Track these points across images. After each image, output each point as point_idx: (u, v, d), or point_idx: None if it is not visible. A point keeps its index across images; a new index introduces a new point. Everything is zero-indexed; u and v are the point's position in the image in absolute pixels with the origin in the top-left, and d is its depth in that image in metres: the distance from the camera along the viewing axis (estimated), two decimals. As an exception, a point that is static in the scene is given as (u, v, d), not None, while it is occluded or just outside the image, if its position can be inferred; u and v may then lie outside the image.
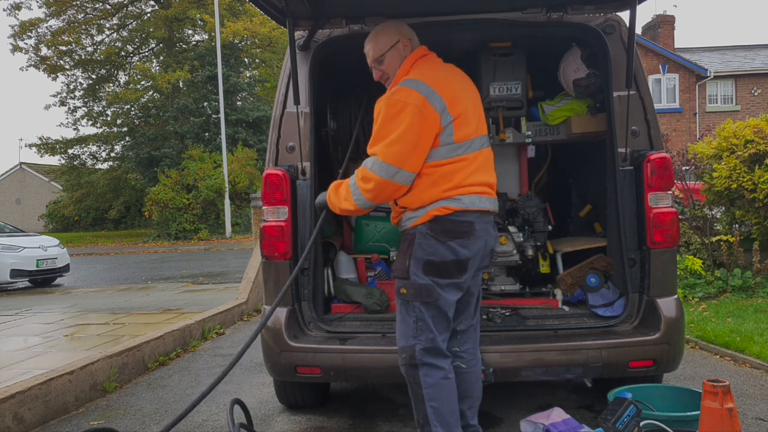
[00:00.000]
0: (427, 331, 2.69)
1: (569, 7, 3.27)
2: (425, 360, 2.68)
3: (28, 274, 11.39)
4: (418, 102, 2.66)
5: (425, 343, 2.69)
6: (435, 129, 2.68)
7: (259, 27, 26.34)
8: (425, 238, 2.69)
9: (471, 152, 2.75)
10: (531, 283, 3.87)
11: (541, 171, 4.54)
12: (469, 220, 2.70)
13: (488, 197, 2.80)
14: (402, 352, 2.75)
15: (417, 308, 2.70)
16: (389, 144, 2.66)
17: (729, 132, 7.31)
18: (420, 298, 2.69)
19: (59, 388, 4.09)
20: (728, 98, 26.68)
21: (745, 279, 6.92)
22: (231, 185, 23.55)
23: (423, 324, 2.70)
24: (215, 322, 6.60)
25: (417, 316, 2.71)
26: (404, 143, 2.64)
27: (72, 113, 30.63)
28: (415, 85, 2.71)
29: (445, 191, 2.69)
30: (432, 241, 2.68)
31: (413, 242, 2.71)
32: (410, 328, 2.72)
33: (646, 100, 3.31)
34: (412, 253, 2.71)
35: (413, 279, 2.70)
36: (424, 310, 2.69)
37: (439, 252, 2.67)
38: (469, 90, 2.90)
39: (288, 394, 3.78)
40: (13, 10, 29.70)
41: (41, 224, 36.58)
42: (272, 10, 3.12)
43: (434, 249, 2.68)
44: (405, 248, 2.76)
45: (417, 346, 2.69)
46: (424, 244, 2.69)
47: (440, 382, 2.68)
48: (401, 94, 2.70)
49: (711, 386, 2.31)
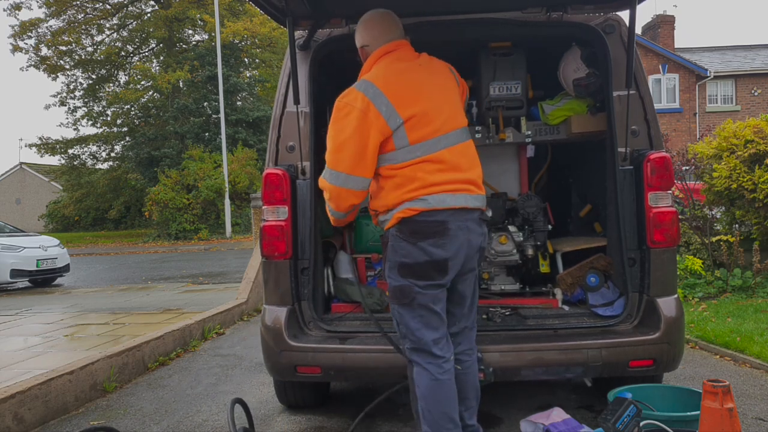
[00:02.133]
0: (409, 333, 2.71)
1: (569, 7, 3.27)
2: (413, 358, 2.72)
3: (28, 274, 11.39)
4: (363, 106, 2.64)
5: (410, 344, 2.73)
6: (381, 133, 2.65)
7: (259, 27, 26.35)
8: (396, 240, 2.69)
9: (435, 152, 2.67)
10: (531, 282, 3.86)
11: (541, 171, 4.54)
12: (439, 219, 2.62)
13: (465, 194, 2.69)
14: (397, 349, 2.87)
15: (397, 311, 2.73)
16: (335, 150, 2.69)
17: (729, 132, 7.31)
18: (397, 300, 2.71)
19: (59, 388, 4.09)
20: (728, 98, 26.68)
21: (745, 279, 6.92)
22: (231, 185, 23.55)
23: (404, 328, 2.73)
24: (215, 322, 6.60)
25: (398, 319, 2.75)
26: (350, 149, 2.65)
27: (72, 113, 30.67)
28: (365, 87, 2.69)
29: (408, 192, 2.65)
30: (403, 243, 2.66)
31: (387, 245, 2.75)
32: (397, 328, 2.79)
33: (646, 99, 3.31)
34: (387, 255, 2.75)
35: (389, 281, 2.74)
36: (403, 312, 2.70)
37: (412, 254, 2.64)
38: (435, 85, 2.79)
39: (288, 394, 3.78)
40: (13, 10, 29.73)
41: (41, 224, 36.58)
42: (272, 10, 3.12)
43: (406, 251, 2.65)
44: (384, 251, 2.82)
45: (405, 345, 2.76)
46: (396, 247, 2.69)
47: (429, 384, 2.66)
48: (349, 97, 2.71)
49: (711, 386, 2.31)
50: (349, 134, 2.65)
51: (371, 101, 2.65)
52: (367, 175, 2.68)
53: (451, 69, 2.96)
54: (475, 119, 3.93)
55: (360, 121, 2.64)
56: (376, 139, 2.64)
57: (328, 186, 2.74)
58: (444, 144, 2.71)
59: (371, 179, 2.72)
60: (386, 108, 2.64)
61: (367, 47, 2.89)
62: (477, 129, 3.87)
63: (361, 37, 2.92)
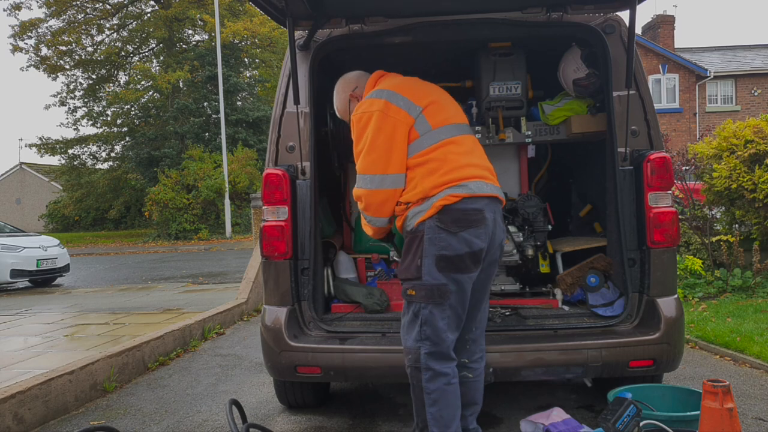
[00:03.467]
0: (433, 335, 2.61)
1: (569, 7, 3.27)
2: (430, 365, 2.60)
3: (28, 274, 11.39)
4: (381, 106, 2.72)
5: (430, 348, 2.61)
6: (406, 124, 2.71)
7: (259, 27, 26.34)
8: (436, 232, 2.59)
9: (457, 135, 2.76)
10: (531, 282, 3.86)
11: (541, 171, 4.54)
12: (478, 207, 2.62)
13: (492, 184, 2.74)
14: (407, 352, 2.68)
15: (426, 311, 2.61)
16: (366, 155, 2.71)
17: (729, 132, 7.31)
18: (431, 300, 2.60)
19: (59, 388, 4.09)
20: (728, 98, 26.68)
21: (745, 279, 6.92)
22: (231, 185, 23.55)
23: (429, 329, 2.61)
24: (215, 322, 6.60)
25: (424, 319, 2.61)
26: (380, 149, 2.67)
27: (72, 113, 30.66)
28: (377, 93, 2.80)
29: (444, 175, 2.63)
30: (443, 234, 2.58)
31: (422, 239, 2.61)
32: (416, 331, 2.63)
33: (646, 99, 3.31)
34: (423, 251, 2.60)
35: (426, 279, 2.60)
36: (435, 313, 2.60)
37: (452, 245, 2.58)
38: (436, 89, 2.94)
39: (288, 394, 3.78)
40: (13, 10, 29.68)
41: (41, 224, 36.58)
42: (272, 10, 3.13)
43: (446, 242, 2.58)
44: (414, 247, 2.65)
45: (422, 350, 2.61)
46: (435, 239, 2.59)
47: (443, 388, 2.61)
48: (364, 106, 2.79)
49: (711, 386, 2.31)
50: (374, 135, 2.69)
51: (387, 100, 2.74)
52: (402, 170, 2.69)
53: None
54: (475, 119, 3.93)
55: (382, 121, 2.69)
56: (402, 131, 2.69)
57: (366, 192, 2.72)
58: (460, 131, 2.80)
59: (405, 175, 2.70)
60: (403, 102, 2.73)
61: (357, 89, 3.03)
62: (477, 129, 3.87)
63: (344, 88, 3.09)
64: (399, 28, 3.37)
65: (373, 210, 2.75)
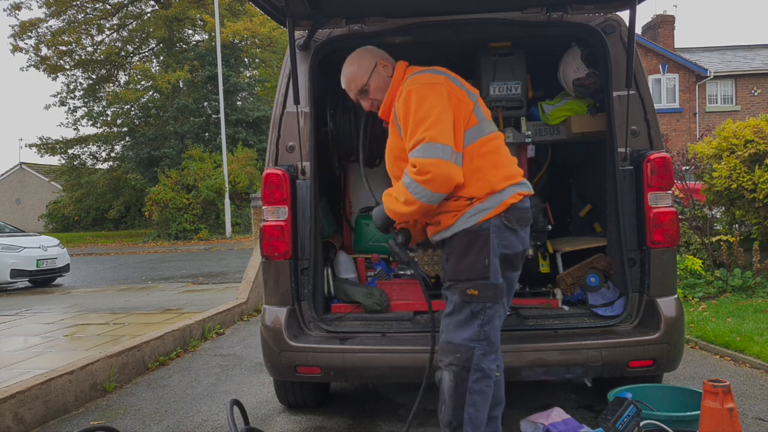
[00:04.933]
0: (492, 336, 2.56)
1: (569, 7, 3.27)
2: (482, 365, 2.53)
3: (28, 274, 11.39)
4: (442, 80, 2.58)
5: (486, 348, 2.54)
6: (467, 104, 2.59)
7: (259, 27, 26.35)
8: (502, 230, 2.53)
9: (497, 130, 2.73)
10: (531, 282, 3.86)
11: (541, 171, 4.53)
12: (528, 206, 2.66)
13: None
14: (455, 351, 2.55)
15: (490, 311, 2.54)
16: (434, 123, 2.47)
17: (729, 132, 7.32)
18: (495, 299, 2.54)
19: (59, 388, 4.09)
20: (728, 98, 26.69)
21: (745, 279, 6.92)
22: (231, 185, 23.55)
23: (490, 328, 2.55)
24: (215, 322, 6.60)
25: (487, 319, 2.54)
26: (447, 122, 2.49)
27: (72, 113, 30.67)
28: (433, 71, 2.65)
29: (507, 168, 2.61)
30: (507, 233, 2.54)
31: (488, 238, 2.52)
32: (473, 331, 2.54)
33: (646, 99, 3.31)
34: (489, 250, 2.51)
35: (493, 279, 2.53)
36: (495, 311, 2.55)
37: (513, 243, 2.56)
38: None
39: (288, 394, 3.78)
40: (13, 10, 29.70)
41: (41, 224, 36.57)
42: (272, 10, 3.12)
43: (509, 241, 2.54)
44: (477, 246, 2.53)
45: (477, 350, 2.53)
46: (500, 238, 2.53)
47: (486, 390, 2.56)
48: (424, 78, 2.60)
49: (711, 386, 2.31)
50: (442, 107, 2.50)
51: (446, 77, 2.62)
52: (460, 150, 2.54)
53: None
54: (475, 119, 3.92)
55: (444, 95, 2.54)
56: (465, 112, 2.57)
57: (437, 162, 2.43)
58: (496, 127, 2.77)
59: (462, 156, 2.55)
60: (461, 84, 2.65)
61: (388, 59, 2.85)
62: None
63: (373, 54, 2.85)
64: (399, 28, 3.36)
65: (439, 184, 2.45)
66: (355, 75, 2.82)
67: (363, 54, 2.86)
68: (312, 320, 3.30)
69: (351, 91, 2.87)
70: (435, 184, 2.46)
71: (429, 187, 2.47)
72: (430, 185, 2.46)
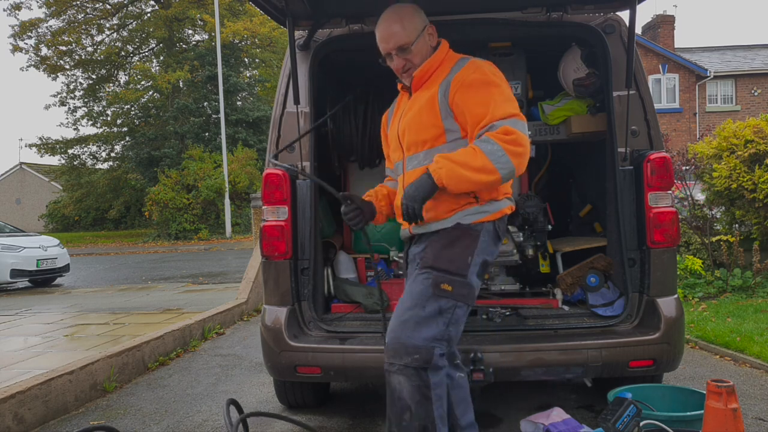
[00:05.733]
0: (455, 337, 2.50)
1: (569, 7, 3.27)
2: (440, 364, 2.45)
3: (28, 274, 11.40)
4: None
5: (446, 348, 2.47)
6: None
7: (259, 27, 26.37)
8: (489, 236, 2.52)
9: None
10: (531, 282, 3.86)
11: (541, 171, 4.54)
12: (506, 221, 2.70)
13: None
14: (413, 351, 2.39)
15: (460, 311, 2.47)
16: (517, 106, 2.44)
17: (729, 132, 7.32)
18: (468, 300, 2.49)
19: (59, 388, 4.09)
20: (728, 98, 26.70)
21: (745, 279, 6.92)
22: (231, 185, 23.56)
23: (455, 330, 2.48)
24: (215, 322, 6.61)
25: (454, 319, 2.45)
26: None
27: (72, 113, 30.71)
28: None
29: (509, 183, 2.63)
30: (491, 241, 2.54)
31: (477, 239, 2.49)
32: (437, 330, 2.41)
33: (646, 99, 3.31)
34: (476, 250, 2.48)
35: (470, 278, 2.47)
36: (464, 314, 2.49)
37: (493, 252, 2.57)
38: None
39: (288, 394, 3.78)
40: (13, 10, 29.75)
41: (41, 224, 36.58)
42: (272, 9, 3.12)
43: (490, 249, 2.54)
44: (465, 243, 2.48)
45: (437, 351, 2.41)
46: (487, 243, 2.52)
47: (443, 380, 2.52)
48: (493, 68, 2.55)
49: (715, 386, 2.30)
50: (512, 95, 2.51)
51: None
52: None
53: None
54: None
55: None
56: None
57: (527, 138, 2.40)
58: None
59: None
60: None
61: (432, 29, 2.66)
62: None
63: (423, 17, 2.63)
64: None
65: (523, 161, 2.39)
66: (401, 34, 2.55)
67: (410, 12, 2.60)
68: (312, 320, 3.30)
69: (388, 46, 2.59)
70: (522, 160, 2.35)
71: (516, 161, 2.32)
72: (518, 160, 2.33)
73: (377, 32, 2.62)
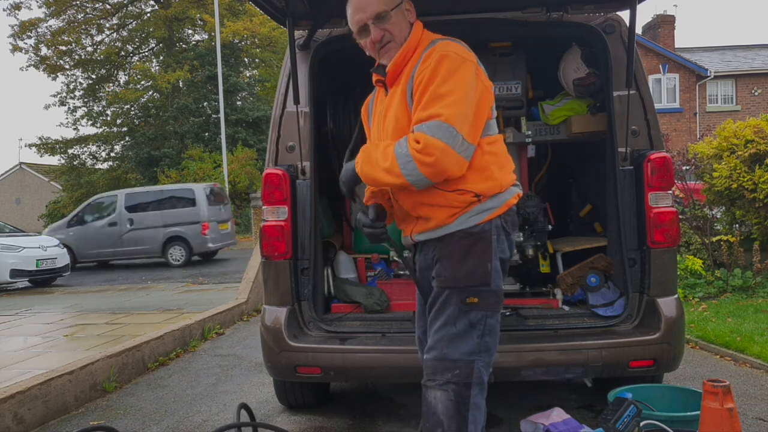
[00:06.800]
0: (494, 346, 2.32)
1: (569, 7, 3.27)
2: (483, 378, 2.28)
3: (28, 274, 11.40)
4: (474, 60, 2.23)
5: (487, 358, 2.30)
6: (491, 96, 2.30)
7: (259, 27, 26.36)
8: (500, 232, 2.29)
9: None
10: (531, 282, 3.86)
11: (541, 171, 4.54)
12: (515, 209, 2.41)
13: None
14: (452, 367, 2.25)
15: (492, 320, 2.30)
16: (453, 104, 2.11)
17: (729, 132, 7.32)
18: (497, 308, 2.32)
19: (59, 388, 4.09)
20: (728, 98, 26.69)
21: (745, 279, 6.92)
22: (231, 185, 23.54)
23: (491, 339, 2.30)
24: (215, 322, 6.60)
25: (488, 329, 2.29)
26: (467, 106, 2.15)
27: (72, 113, 30.69)
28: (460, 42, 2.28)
29: (509, 167, 2.35)
30: (503, 236, 2.31)
31: (490, 240, 2.26)
32: (473, 343, 2.26)
33: (646, 99, 3.31)
34: (492, 253, 2.26)
35: (494, 285, 2.29)
36: (496, 321, 2.32)
37: (506, 248, 2.34)
38: None
39: (288, 394, 3.77)
40: (13, 10, 29.81)
41: (41, 224, 36.53)
42: (272, 9, 3.12)
43: (504, 246, 2.32)
44: (479, 249, 2.26)
45: (478, 363, 2.26)
46: (499, 241, 2.29)
47: (482, 404, 2.31)
48: (455, 47, 2.22)
49: (711, 386, 2.30)
50: (468, 88, 2.16)
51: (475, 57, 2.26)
52: (475, 143, 2.20)
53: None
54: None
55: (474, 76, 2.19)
56: (488, 102, 2.28)
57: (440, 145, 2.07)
58: None
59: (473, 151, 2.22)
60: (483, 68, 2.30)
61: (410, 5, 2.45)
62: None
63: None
64: None
65: (436, 172, 2.12)
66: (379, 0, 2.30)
67: None
68: (312, 320, 3.30)
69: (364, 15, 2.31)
70: (433, 170, 2.11)
71: (425, 171, 2.11)
72: (427, 169, 2.11)
73: (350, 6, 2.36)
